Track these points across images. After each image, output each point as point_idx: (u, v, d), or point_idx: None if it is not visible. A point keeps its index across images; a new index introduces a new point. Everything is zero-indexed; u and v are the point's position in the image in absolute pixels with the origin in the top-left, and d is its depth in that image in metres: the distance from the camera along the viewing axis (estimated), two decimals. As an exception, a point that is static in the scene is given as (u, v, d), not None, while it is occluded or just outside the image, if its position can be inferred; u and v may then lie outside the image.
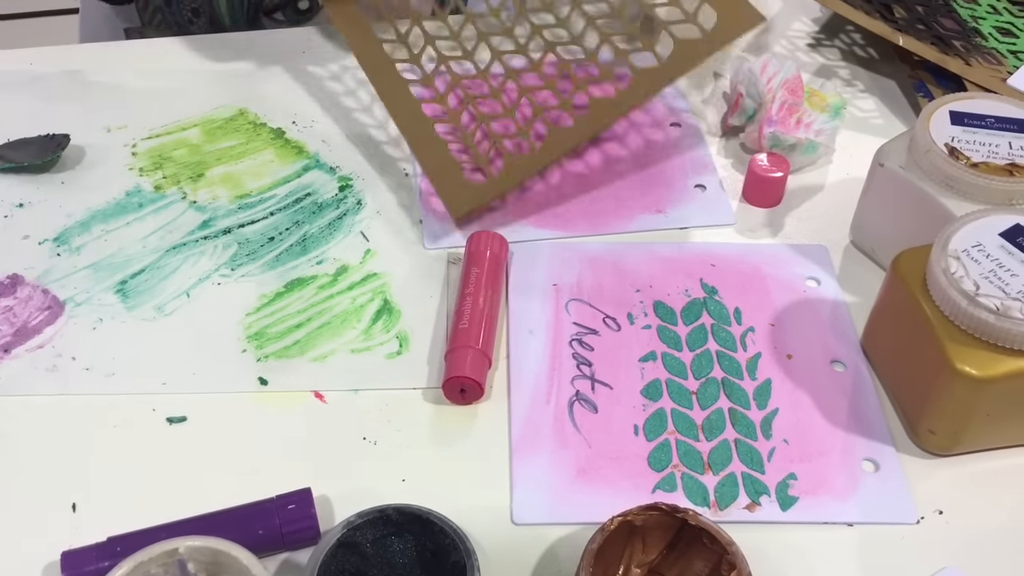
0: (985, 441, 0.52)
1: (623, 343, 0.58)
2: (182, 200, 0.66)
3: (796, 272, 0.62)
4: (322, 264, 0.62)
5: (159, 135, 0.71)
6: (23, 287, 0.60)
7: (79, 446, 0.53)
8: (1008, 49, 0.73)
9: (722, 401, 0.55)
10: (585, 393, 0.55)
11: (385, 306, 0.60)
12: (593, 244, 0.63)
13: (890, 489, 0.51)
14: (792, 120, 0.66)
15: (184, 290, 0.60)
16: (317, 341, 0.58)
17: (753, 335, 0.58)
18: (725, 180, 0.68)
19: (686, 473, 0.52)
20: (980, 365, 0.48)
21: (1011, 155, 0.56)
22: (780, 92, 0.67)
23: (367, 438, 0.53)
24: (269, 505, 0.48)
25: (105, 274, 0.61)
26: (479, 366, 0.54)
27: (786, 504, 0.50)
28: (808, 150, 0.67)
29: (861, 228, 0.63)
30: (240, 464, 0.52)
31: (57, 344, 0.57)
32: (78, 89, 0.74)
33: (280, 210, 0.65)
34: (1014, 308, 0.48)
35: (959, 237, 0.51)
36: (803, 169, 0.68)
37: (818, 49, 0.79)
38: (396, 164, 0.69)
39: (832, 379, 0.56)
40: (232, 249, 0.63)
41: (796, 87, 0.67)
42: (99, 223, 0.64)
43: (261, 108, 0.73)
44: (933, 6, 0.76)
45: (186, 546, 0.43)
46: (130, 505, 0.50)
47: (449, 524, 0.46)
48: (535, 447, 0.53)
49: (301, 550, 0.48)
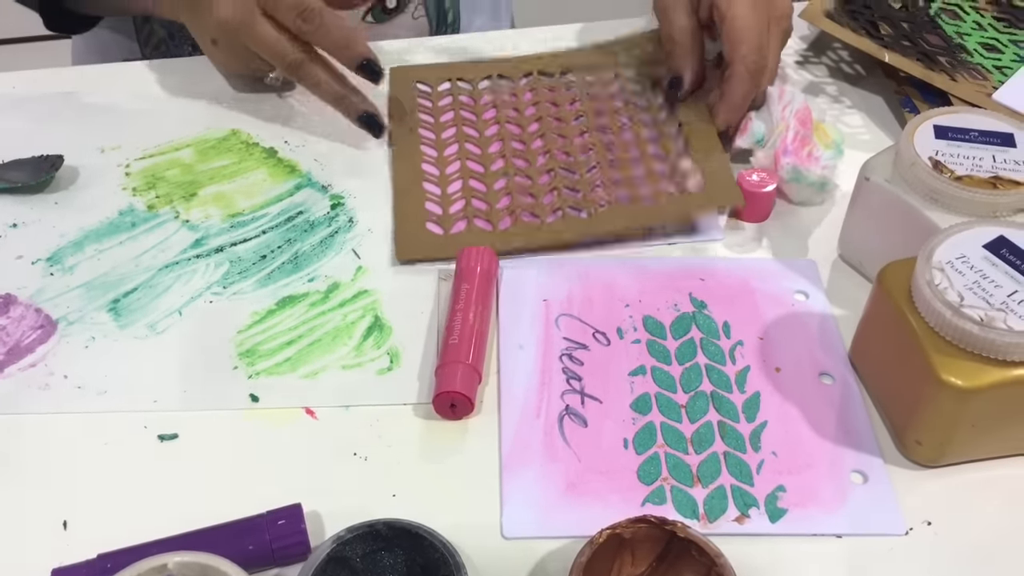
0: (972, 452, 0.52)
1: (613, 357, 0.58)
2: (175, 219, 0.66)
3: (784, 286, 0.62)
4: (314, 281, 0.62)
5: (152, 155, 0.71)
6: (16, 307, 0.61)
7: (71, 464, 0.53)
8: (993, 64, 0.74)
9: (711, 414, 0.55)
10: (575, 407, 0.55)
11: (376, 323, 0.60)
12: (582, 260, 0.64)
13: (878, 500, 0.51)
14: (804, 152, 0.66)
15: (176, 308, 0.61)
16: (308, 358, 0.58)
17: (742, 348, 0.58)
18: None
19: (675, 486, 0.52)
20: (965, 376, 0.49)
21: (995, 168, 0.56)
22: (793, 121, 0.66)
23: (358, 454, 0.53)
24: (259, 521, 0.48)
25: (98, 293, 0.62)
26: (469, 381, 0.55)
27: (775, 516, 0.51)
28: (823, 187, 0.66)
29: (848, 242, 0.63)
30: (231, 481, 0.52)
31: (50, 363, 0.58)
32: (72, 110, 0.75)
33: (272, 228, 0.66)
34: (998, 319, 0.48)
35: (943, 249, 0.52)
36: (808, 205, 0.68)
37: (806, 66, 0.80)
38: (387, 183, 0.69)
39: (820, 391, 0.56)
40: (224, 267, 0.63)
41: (806, 118, 0.67)
42: (92, 242, 0.65)
43: (253, 128, 0.73)
44: (919, 23, 0.77)
45: (175, 561, 0.43)
46: (121, 522, 0.50)
47: (439, 538, 0.46)
48: (525, 461, 0.53)
49: (291, 566, 0.49)
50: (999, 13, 0.79)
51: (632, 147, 0.70)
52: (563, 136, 0.71)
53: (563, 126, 0.72)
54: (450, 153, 0.71)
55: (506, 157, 0.70)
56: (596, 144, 0.70)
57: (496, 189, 0.67)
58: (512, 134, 0.71)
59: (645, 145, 0.70)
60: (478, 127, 0.73)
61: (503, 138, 0.71)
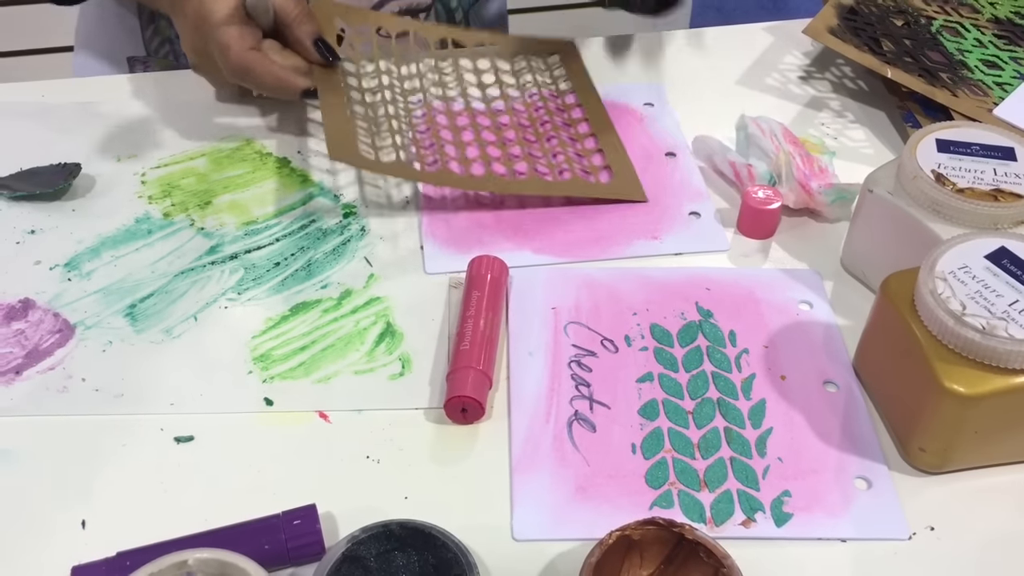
0: (975, 459, 0.53)
1: (621, 364, 0.59)
2: (190, 227, 0.68)
3: (789, 296, 0.63)
4: (326, 288, 0.63)
5: (168, 164, 0.72)
6: (35, 311, 0.62)
7: (89, 465, 0.54)
8: (994, 81, 0.75)
9: (718, 420, 0.56)
10: (584, 413, 0.56)
11: (388, 329, 0.61)
12: (590, 269, 0.65)
13: (882, 506, 0.52)
14: (816, 169, 0.67)
15: (192, 314, 0.62)
16: (321, 363, 0.59)
17: (747, 357, 0.59)
18: (719, 212, 0.69)
19: (683, 490, 0.53)
20: (968, 383, 0.50)
21: (996, 181, 0.58)
22: (789, 147, 0.67)
23: (370, 457, 0.54)
24: (275, 521, 0.49)
25: (114, 298, 0.63)
26: (480, 386, 0.56)
27: (781, 520, 0.52)
28: (854, 195, 0.65)
29: (852, 253, 0.64)
30: (246, 482, 0.53)
31: (67, 366, 0.59)
32: (89, 120, 0.76)
33: (286, 236, 0.67)
34: (999, 327, 0.49)
35: (946, 260, 0.53)
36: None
37: (809, 82, 0.81)
38: (398, 192, 0.71)
39: (825, 399, 0.57)
40: (239, 274, 0.64)
41: (794, 139, 0.67)
42: (109, 249, 0.66)
43: (267, 138, 0.74)
44: (920, 40, 0.79)
45: (195, 558, 0.44)
46: (139, 522, 0.51)
47: (451, 539, 0.47)
48: (535, 465, 0.54)
49: (306, 565, 0.49)
50: (999, 31, 0.80)
51: (546, 126, 0.74)
52: (484, 104, 0.76)
53: (482, 96, 0.77)
54: (374, 93, 0.75)
55: (428, 111, 0.74)
56: (511, 121, 0.74)
57: (420, 132, 0.72)
58: (434, 95, 0.76)
59: (558, 130, 0.74)
60: (400, 81, 0.77)
61: (424, 94, 0.76)
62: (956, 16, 0.81)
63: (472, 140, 0.72)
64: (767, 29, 0.87)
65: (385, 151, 0.70)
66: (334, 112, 0.69)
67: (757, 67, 0.82)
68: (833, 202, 0.66)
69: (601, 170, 0.72)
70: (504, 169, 0.70)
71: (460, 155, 0.70)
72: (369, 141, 0.70)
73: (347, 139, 0.67)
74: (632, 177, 0.71)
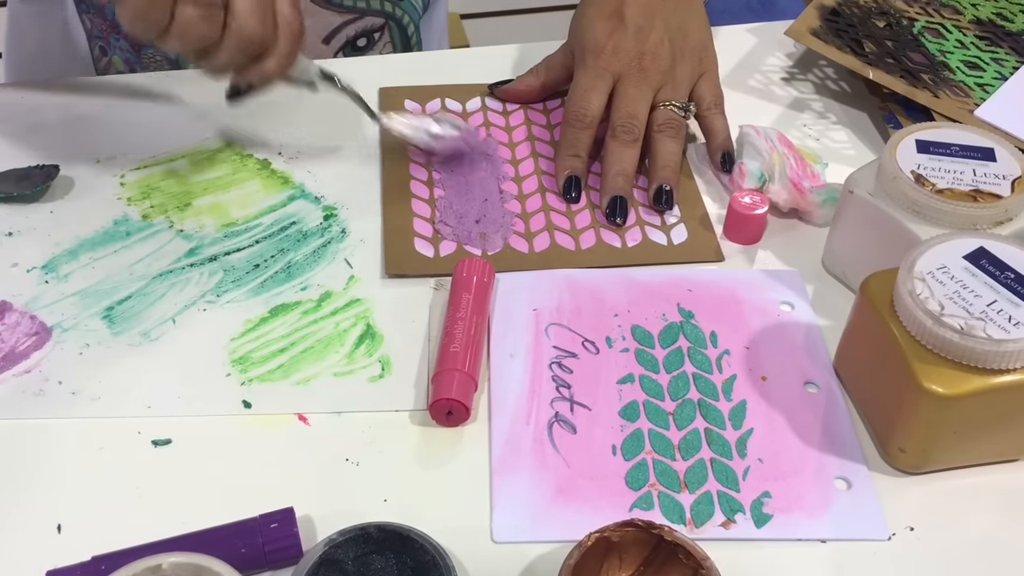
0: (954, 459, 0.53)
1: (602, 366, 0.59)
2: (169, 229, 0.67)
3: (770, 297, 0.63)
4: (306, 290, 0.63)
5: (147, 166, 0.72)
6: (11, 313, 0.61)
7: (65, 468, 0.54)
8: (975, 82, 0.75)
9: (698, 421, 0.56)
10: (564, 414, 0.56)
11: (368, 331, 0.61)
12: (572, 270, 0.65)
13: (862, 506, 0.52)
14: (808, 172, 0.67)
15: (170, 316, 0.61)
16: (300, 365, 0.59)
17: (729, 358, 0.59)
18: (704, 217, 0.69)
19: (663, 492, 0.53)
20: (946, 383, 0.50)
21: (975, 182, 0.58)
22: (784, 149, 0.67)
23: (350, 459, 0.54)
24: (252, 524, 0.49)
25: (92, 301, 0.62)
26: (466, 389, 0.55)
27: (761, 521, 0.51)
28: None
29: (832, 253, 0.64)
30: (224, 485, 0.53)
31: (44, 369, 0.58)
32: (68, 121, 0.75)
33: (265, 238, 0.67)
34: (977, 327, 0.49)
35: (925, 260, 0.53)
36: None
37: (792, 83, 0.81)
38: (380, 194, 0.70)
39: (805, 400, 0.57)
40: (218, 276, 0.64)
41: (788, 142, 0.67)
42: (87, 251, 0.65)
43: (248, 140, 0.74)
44: (902, 41, 0.79)
45: (169, 562, 0.44)
46: (115, 525, 0.51)
47: (430, 541, 0.47)
48: (515, 467, 0.54)
49: (283, 568, 0.49)
50: (981, 32, 0.80)
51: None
52: (551, 161, 0.72)
53: (551, 151, 0.73)
54: (438, 175, 0.71)
55: (497, 179, 0.71)
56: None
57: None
58: (502, 158, 0.72)
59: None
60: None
61: (493, 161, 0.72)
62: (938, 17, 0.82)
63: (539, 208, 0.68)
64: (750, 30, 0.87)
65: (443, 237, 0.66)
66: (395, 215, 0.67)
67: (740, 69, 0.82)
68: (824, 202, 0.66)
69: (673, 227, 0.67)
70: (570, 241, 0.66)
71: (526, 231, 0.67)
72: (429, 233, 0.66)
73: (404, 249, 0.65)
74: (706, 233, 0.67)
